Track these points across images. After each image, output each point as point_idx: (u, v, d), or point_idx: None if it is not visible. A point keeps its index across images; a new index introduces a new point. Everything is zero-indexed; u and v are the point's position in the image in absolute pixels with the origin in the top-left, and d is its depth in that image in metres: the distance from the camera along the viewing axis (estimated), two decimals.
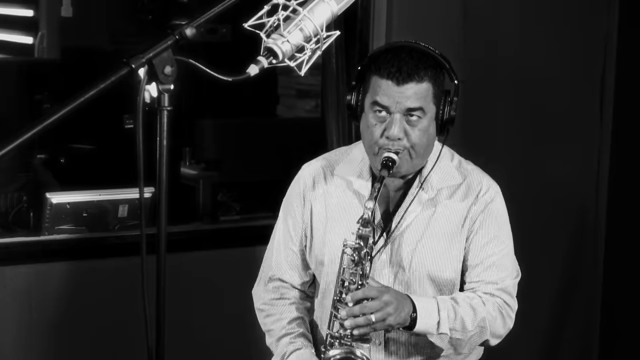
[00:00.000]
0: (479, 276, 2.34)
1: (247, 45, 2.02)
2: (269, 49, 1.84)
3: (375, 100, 2.23)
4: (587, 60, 4.29)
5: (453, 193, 2.35)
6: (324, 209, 2.39)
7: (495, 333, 2.34)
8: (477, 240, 2.34)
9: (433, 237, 2.33)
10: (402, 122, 2.23)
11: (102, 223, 3.72)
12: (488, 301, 2.31)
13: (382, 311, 2.15)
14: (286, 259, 2.47)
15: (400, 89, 2.21)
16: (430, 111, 2.25)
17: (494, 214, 2.36)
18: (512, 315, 2.37)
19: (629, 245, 4.31)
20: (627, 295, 4.32)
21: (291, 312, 2.45)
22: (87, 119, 3.80)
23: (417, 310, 2.20)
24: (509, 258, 2.39)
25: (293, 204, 2.46)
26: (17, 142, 1.57)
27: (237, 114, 5.13)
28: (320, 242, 2.39)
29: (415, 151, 2.26)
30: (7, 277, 3.47)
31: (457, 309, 2.26)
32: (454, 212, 2.34)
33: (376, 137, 2.25)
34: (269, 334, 2.47)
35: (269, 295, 2.49)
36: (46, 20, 5.38)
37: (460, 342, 2.30)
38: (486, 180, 2.39)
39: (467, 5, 4.01)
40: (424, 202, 2.33)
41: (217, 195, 4.58)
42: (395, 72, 2.21)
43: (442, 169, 2.36)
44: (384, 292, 2.17)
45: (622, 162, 4.32)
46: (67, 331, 3.55)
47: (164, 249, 1.76)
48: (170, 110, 1.73)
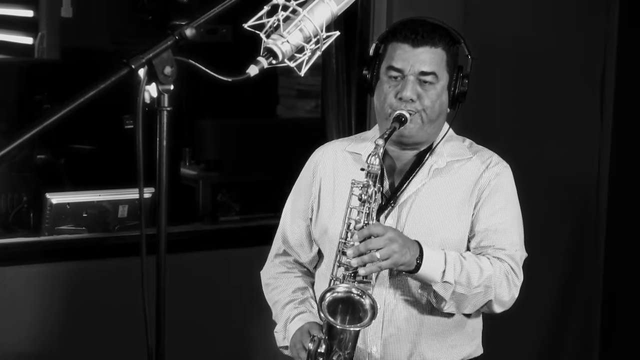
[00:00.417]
0: (488, 241, 2.33)
1: (247, 46, 2.02)
2: (268, 49, 1.84)
3: (391, 65, 2.29)
4: (588, 60, 4.29)
5: (462, 166, 2.38)
6: (332, 182, 2.41)
7: (499, 297, 2.31)
8: (485, 207, 2.34)
9: (440, 202, 2.33)
10: (415, 85, 2.27)
11: (102, 223, 3.72)
12: (495, 263, 2.30)
13: (387, 248, 2.14)
14: (292, 235, 2.49)
15: (415, 51, 2.27)
16: (443, 79, 2.30)
17: (502, 186, 2.38)
18: (517, 284, 2.35)
19: (630, 244, 4.32)
20: (628, 292, 4.33)
21: (297, 283, 2.48)
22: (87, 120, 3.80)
23: (423, 256, 2.20)
24: (517, 231, 2.40)
25: (303, 180, 2.49)
26: (17, 142, 1.57)
27: (237, 114, 5.13)
28: (327, 213, 2.40)
29: (427, 115, 2.29)
30: (7, 277, 3.47)
31: (464, 263, 2.25)
32: (464, 181, 2.36)
33: (389, 100, 2.29)
34: (274, 306, 2.48)
35: (275, 269, 2.52)
36: (46, 20, 5.38)
37: (464, 298, 2.26)
38: (496, 156, 2.43)
39: (468, 5, 4.01)
40: (432, 171, 2.35)
41: (217, 195, 4.58)
42: (411, 35, 2.28)
43: (454, 145, 2.40)
44: (389, 230, 2.17)
45: (623, 161, 4.32)
46: (67, 332, 3.55)
47: (164, 249, 1.76)
48: (170, 111, 1.73)
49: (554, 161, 4.26)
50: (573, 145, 4.31)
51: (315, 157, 2.50)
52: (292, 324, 2.36)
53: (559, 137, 4.27)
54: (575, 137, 4.31)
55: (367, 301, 2.16)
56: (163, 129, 1.72)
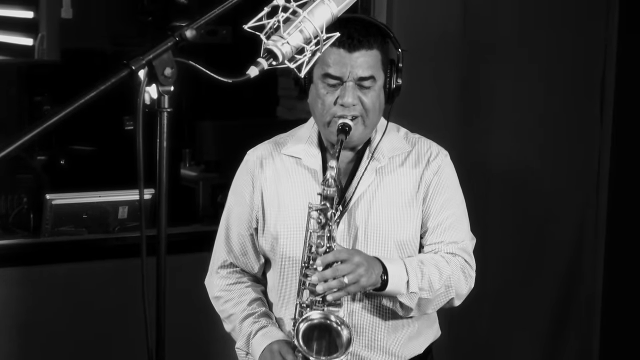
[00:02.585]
0: (440, 237, 2.35)
1: (248, 47, 2.03)
2: (268, 50, 1.84)
3: (327, 72, 2.26)
4: (588, 63, 4.29)
5: (404, 160, 2.38)
6: (275, 189, 2.39)
7: (458, 292, 2.35)
8: (434, 203, 2.36)
9: (389, 202, 2.34)
10: (354, 90, 2.26)
11: (102, 225, 3.72)
12: (451, 261, 2.32)
13: (355, 273, 2.14)
14: (237, 246, 2.47)
15: (352, 56, 2.24)
16: (380, 79, 2.29)
17: (446, 178, 2.39)
18: (472, 274, 2.38)
19: (630, 244, 4.31)
20: (628, 292, 4.32)
21: (250, 294, 2.45)
22: (87, 121, 3.81)
23: (387, 272, 2.21)
24: (465, 220, 2.42)
25: (241, 189, 2.45)
26: (17, 143, 1.57)
27: (237, 115, 5.13)
28: (273, 221, 2.38)
29: (369, 117, 2.29)
30: (8, 278, 3.47)
31: (423, 269, 2.27)
32: (407, 178, 2.36)
33: (329, 106, 2.27)
34: (229, 319, 2.45)
35: (223, 281, 2.49)
36: (46, 21, 5.39)
37: (427, 302, 2.29)
38: (435, 146, 2.43)
39: (467, 7, 4.01)
40: (376, 170, 2.35)
41: (217, 196, 4.58)
42: (346, 40, 2.22)
43: (391, 140, 2.39)
44: (355, 254, 2.17)
45: (622, 161, 4.32)
46: (67, 333, 3.55)
47: (164, 250, 1.76)
48: (170, 112, 1.73)
49: (554, 161, 4.26)
50: (573, 145, 4.31)
51: (249, 162, 2.46)
52: (255, 340, 2.35)
53: (559, 137, 4.27)
54: (575, 139, 4.31)
55: (345, 332, 2.17)
56: (163, 130, 1.72)
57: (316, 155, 2.38)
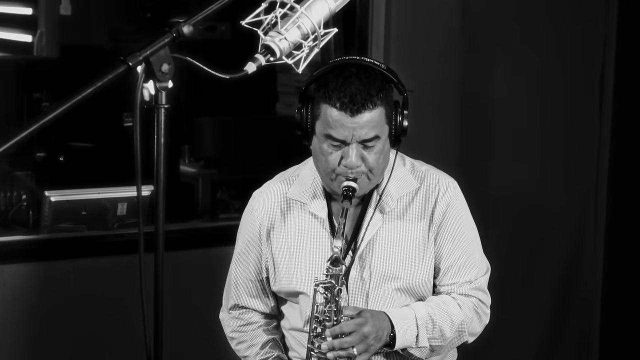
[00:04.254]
0: (453, 278, 2.33)
1: (246, 43, 2.02)
2: (266, 46, 1.84)
3: (330, 134, 2.18)
4: (587, 59, 4.29)
5: (413, 199, 2.33)
6: (285, 238, 2.36)
7: (472, 332, 2.35)
8: (445, 243, 2.33)
9: (399, 245, 2.31)
10: (358, 150, 2.19)
11: (101, 221, 3.72)
12: (464, 304, 2.31)
13: (364, 343, 2.15)
14: (246, 290, 2.46)
15: (354, 119, 2.16)
16: (385, 133, 2.22)
17: (456, 214, 2.34)
18: (487, 311, 2.38)
19: (629, 243, 4.31)
20: (628, 291, 4.32)
21: (262, 336, 2.45)
22: (85, 117, 3.80)
23: (394, 328, 2.20)
24: (478, 254, 2.39)
25: (249, 238, 2.42)
26: (15, 139, 1.57)
27: (236, 111, 5.12)
28: (287, 272, 2.36)
29: (373, 174, 2.23)
30: (7, 275, 3.47)
31: (434, 319, 2.26)
32: (417, 219, 2.32)
33: (333, 165, 2.21)
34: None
35: (235, 322, 2.50)
36: (45, 18, 5.37)
37: (440, 348, 2.31)
38: (443, 178, 2.37)
39: (466, 3, 4.01)
40: (385, 214, 2.31)
41: (216, 193, 4.58)
42: (348, 103, 2.15)
43: (398, 178, 2.33)
44: (362, 325, 2.16)
45: (622, 160, 4.32)
46: (66, 329, 3.55)
47: (162, 247, 1.76)
48: (168, 108, 1.73)
49: (553, 160, 4.26)
50: (572, 144, 4.30)
51: (256, 209, 2.41)
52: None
53: (558, 136, 4.26)
54: (575, 137, 4.30)
55: None
56: (161, 126, 1.72)
57: (321, 202, 2.33)
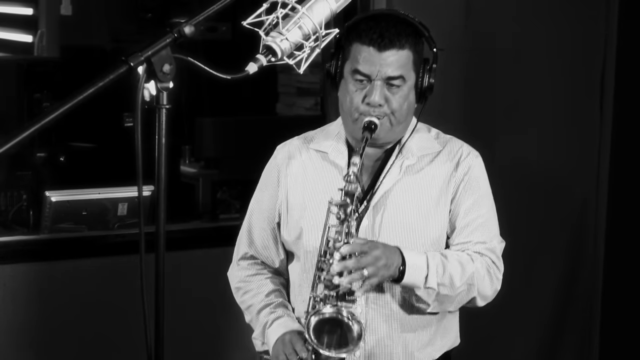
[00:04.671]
0: (468, 237, 2.33)
1: (247, 44, 2.02)
2: (267, 47, 1.84)
3: (357, 68, 2.24)
4: (587, 59, 4.29)
5: (434, 159, 2.36)
6: (301, 185, 2.39)
7: (482, 292, 2.32)
8: (463, 203, 2.34)
9: (415, 199, 2.32)
10: (382, 89, 2.23)
11: (102, 221, 3.72)
12: (477, 259, 2.30)
13: (374, 266, 2.13)
14: (259, 239, 2.47)
15: (381, 55, 2.22)
16: (411, 79, 2.26)
17: (476, 179, 2.37)
18: (499, 276, 2.36)
19: (629, 243, 4.31)
20: (628, 291, 4.32)
21: (268, 285, 2.45)
22: (86, 118, 3.80)
23: (405, 263, 2.19)
24: (494, 222, 2.40)
25: (267, 182, 2.46)
26: (16, 140, 1.57)
27: (236, 111, 5.13)
28: (297, 215, 2.37)
29: (396, 117, 2.26)
30: (7, 275, 3.47)
31: (445, 264, 2.24)
32: (436, 176, 2.34)
33: (357, 104, 2.25)
34: (248, 310, 2.46)
35: (244, 272, 2.49)
36: (46, 18, 5.38)
37: (447, 299, 2.27)
38: (466, 146, 2.40)
39: (469, 2, 4.01)
40: (404, 168, 2.33)
41: (216, 193, 4.58)
42: (377, 39, 2.21)
43: (421, 138, 2.37)
44: (374, 248, 2.15)
45: (622, 161, 4.32)
46: (66, 329, 3.55)
47: (163, 247, 1.76)
48: (169, 109, 1.73)
49: (554, 161, 4.26)
50: (573, 144, 4.30)
51: (278, 156, 2.46)
52: (270, 330, 2.35)
53: (559, 136, 4.26)
54: (575, 137, 4.30)
55: (356, 327, 2.15)
56: (162, 126, 1.72)
57: (343, 151, 2.36)
